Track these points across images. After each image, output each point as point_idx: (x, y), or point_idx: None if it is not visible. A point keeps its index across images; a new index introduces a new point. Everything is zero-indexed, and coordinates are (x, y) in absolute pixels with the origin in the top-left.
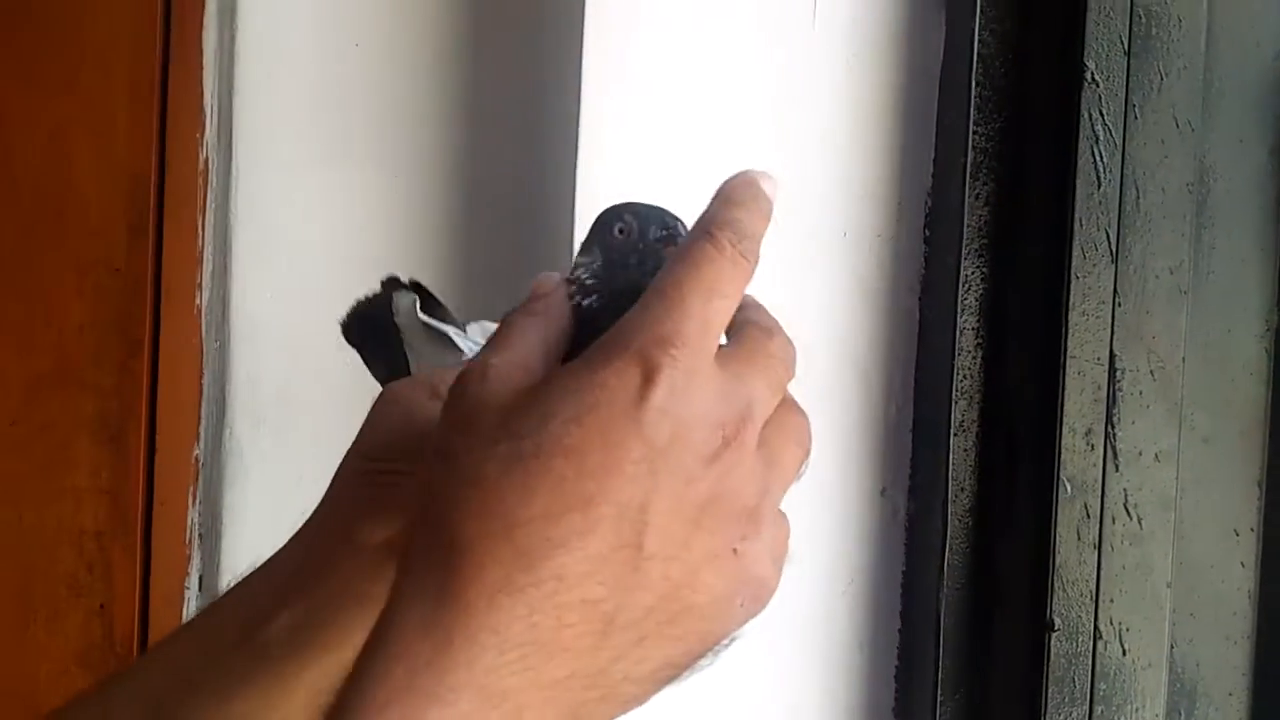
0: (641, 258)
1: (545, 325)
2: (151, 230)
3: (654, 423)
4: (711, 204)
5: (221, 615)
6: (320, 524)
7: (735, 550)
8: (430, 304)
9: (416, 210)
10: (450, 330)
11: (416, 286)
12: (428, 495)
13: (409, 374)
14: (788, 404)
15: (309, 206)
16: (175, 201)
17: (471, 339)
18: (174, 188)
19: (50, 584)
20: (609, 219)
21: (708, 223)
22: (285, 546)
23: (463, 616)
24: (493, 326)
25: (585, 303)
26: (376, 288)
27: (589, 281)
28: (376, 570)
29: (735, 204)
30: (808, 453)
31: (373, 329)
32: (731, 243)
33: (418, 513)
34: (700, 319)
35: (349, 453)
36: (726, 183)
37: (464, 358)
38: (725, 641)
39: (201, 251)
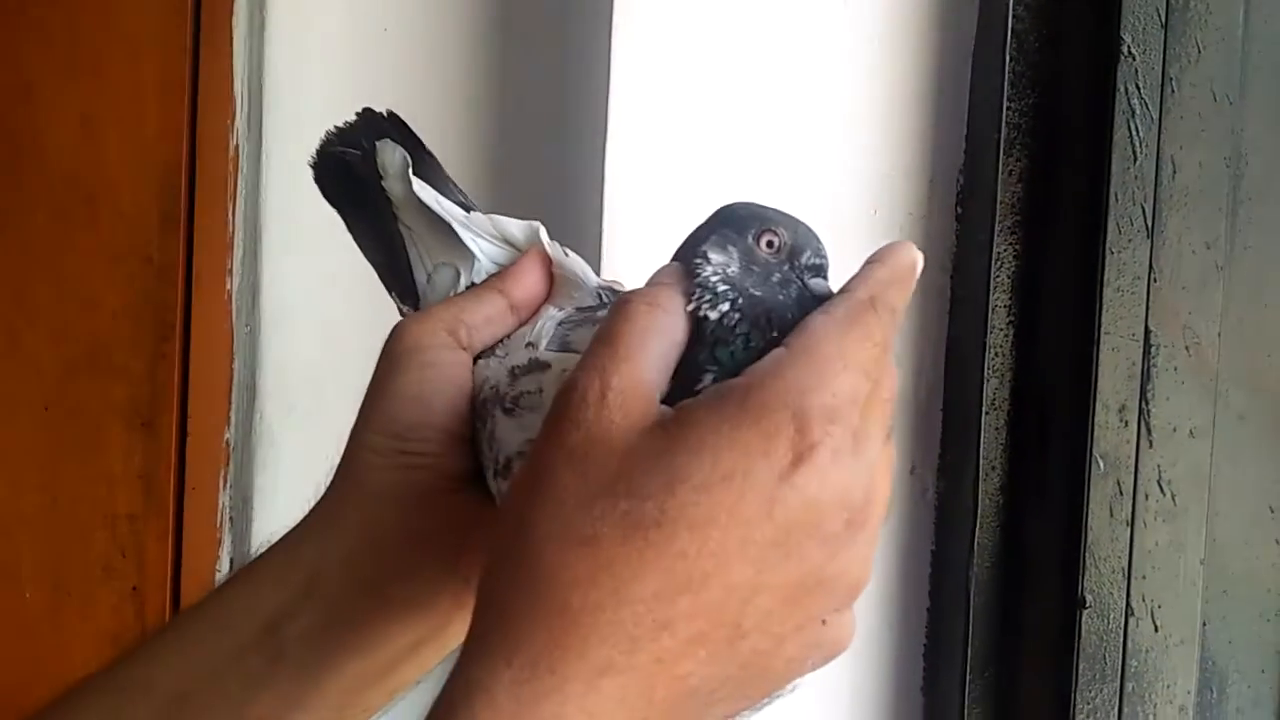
0: (785, 281)
1: (669, 335)
2: (183, 217)
3: (790, 503)
4: (877, 269)
5: (238, 605)
6: (340, 511)
7: (824, 621)
8: (420, 157)
9: None
10: (454, 221)
11: (397, 124)
12: (523, 532)
13: (406, 261)
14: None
15: None
16: (206, 189)
17: (481, 235)
18: (205, 175)
19: (83, 567)
20: (753, 222)
21: (875, 291)
22: (298, 532)
23: (558, 695)
24: (511, 224)
25: (714, 316)
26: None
27: (721, 288)
28: (410, 571)
29: (899, 282)
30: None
31: (355, 190)
32: (889, 322)
33: (510, 548)
34: (855, 394)
35: (368, 419)
36: (894, 252)
37: (475, 264)
38: (788, 689)
39: (232, 238)
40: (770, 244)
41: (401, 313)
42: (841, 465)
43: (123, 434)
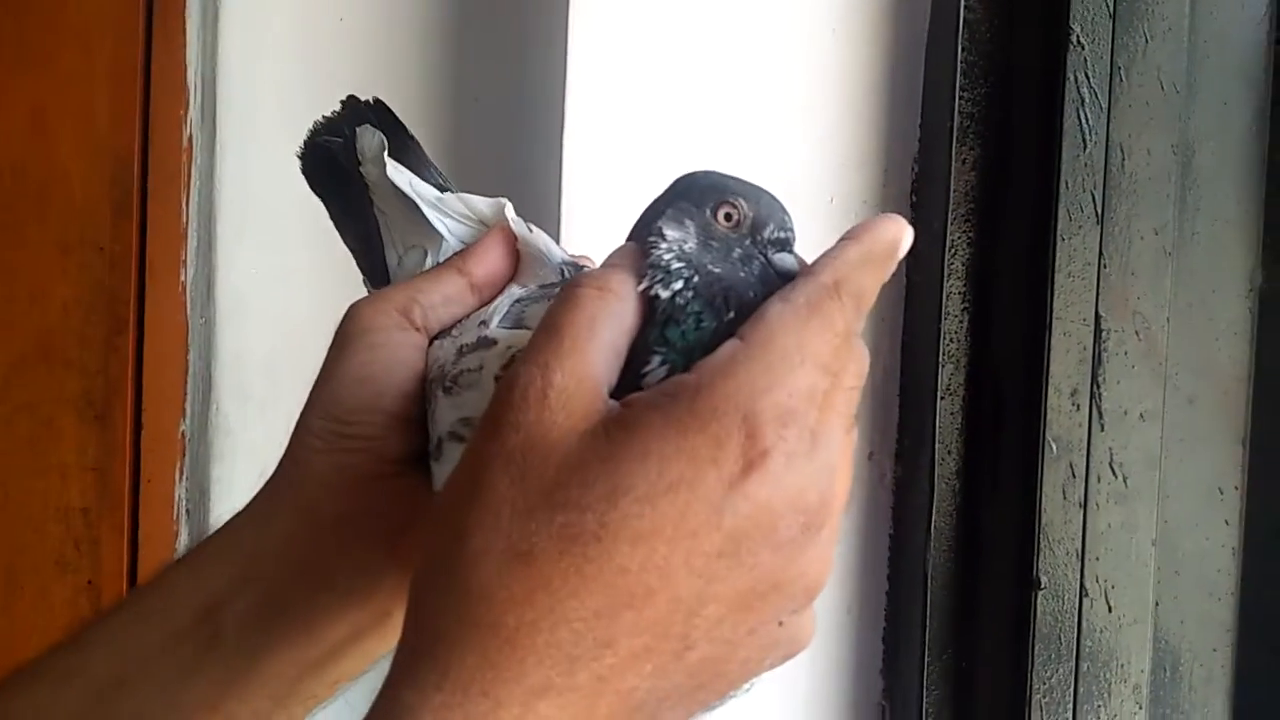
0: (746, 256)
1: (619, 321)
2: (136, 208)
3: (740, 512)
4: (849, 248)
5: (176, 590)
6: (281, 494)
7: (781, 623)
8: (401, 142)
9: None
10: (421, 199)
11: (381, 110)
12: (457, 543)
13: (380, 246)
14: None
15: (293, 183)
16: (159, 179)
17: (449, 212)
18: (157, 166)
19: (38, 560)
20: (711, 194)
21: (841, 274)
22: (241, 517)
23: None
24: (479, 201)
25: (665, 294)
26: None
27: (675, 266)
28: (347, 557)
29: (873, 263)
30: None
31: (336, 178)
32: (854, 309)
33: (443, 559)
34: (812, 392)
35: (313, 402)
36: (872, 228)
37: (443, 244)
38: (745, 689)
39: (186, 229)
40: (729, 217)
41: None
42: (796, 469)
43: (75, 426)
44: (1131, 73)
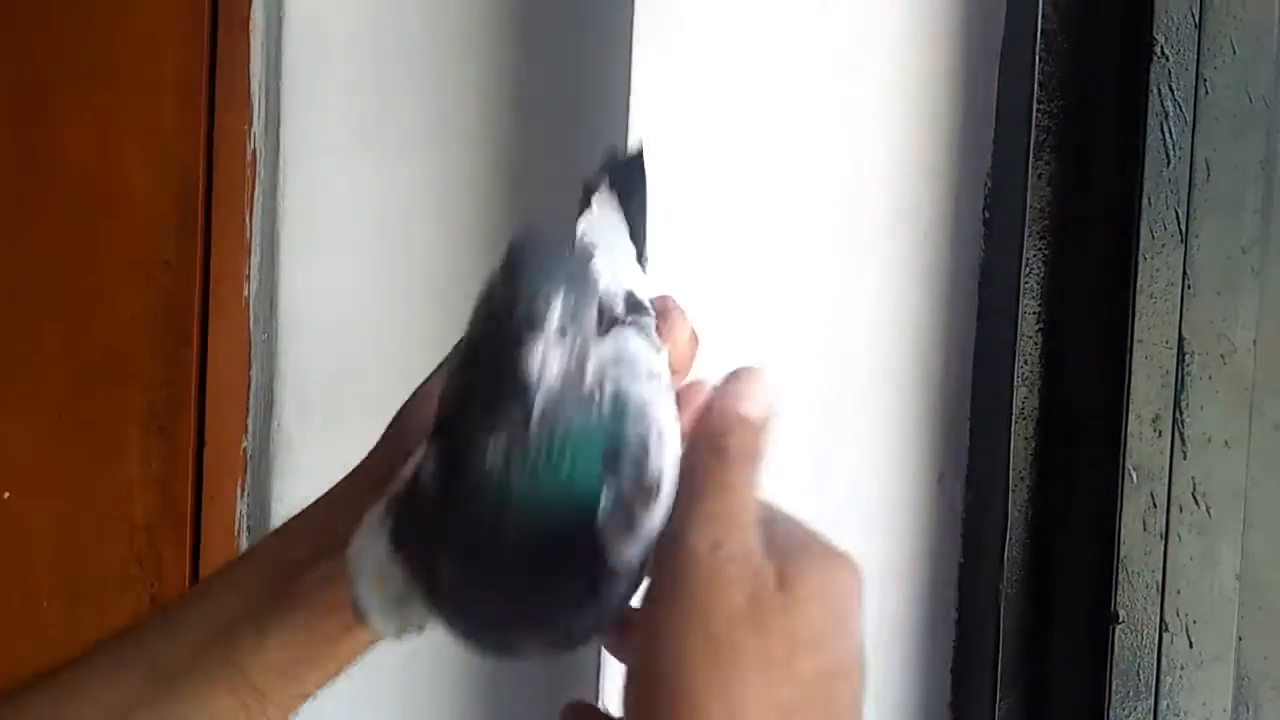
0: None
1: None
2: (200, 222)
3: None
4: (725, 421)
5: (265, 559)
6: (359, 487)
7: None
8: (631, 190)
9: (466, 198)
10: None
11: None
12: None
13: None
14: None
15: (357, 197)
16: (223, 194)
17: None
18: (221, 180)
19: (101, 575)
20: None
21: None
22: (331, 495)
23: None
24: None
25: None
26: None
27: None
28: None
29: (750, 431)
30: None
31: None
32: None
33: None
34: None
35: (404, 419)
36: (736, 394)
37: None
38: None
39: (249, 244)
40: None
41: None
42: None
43: (140, 441)
44: (1217, 85)
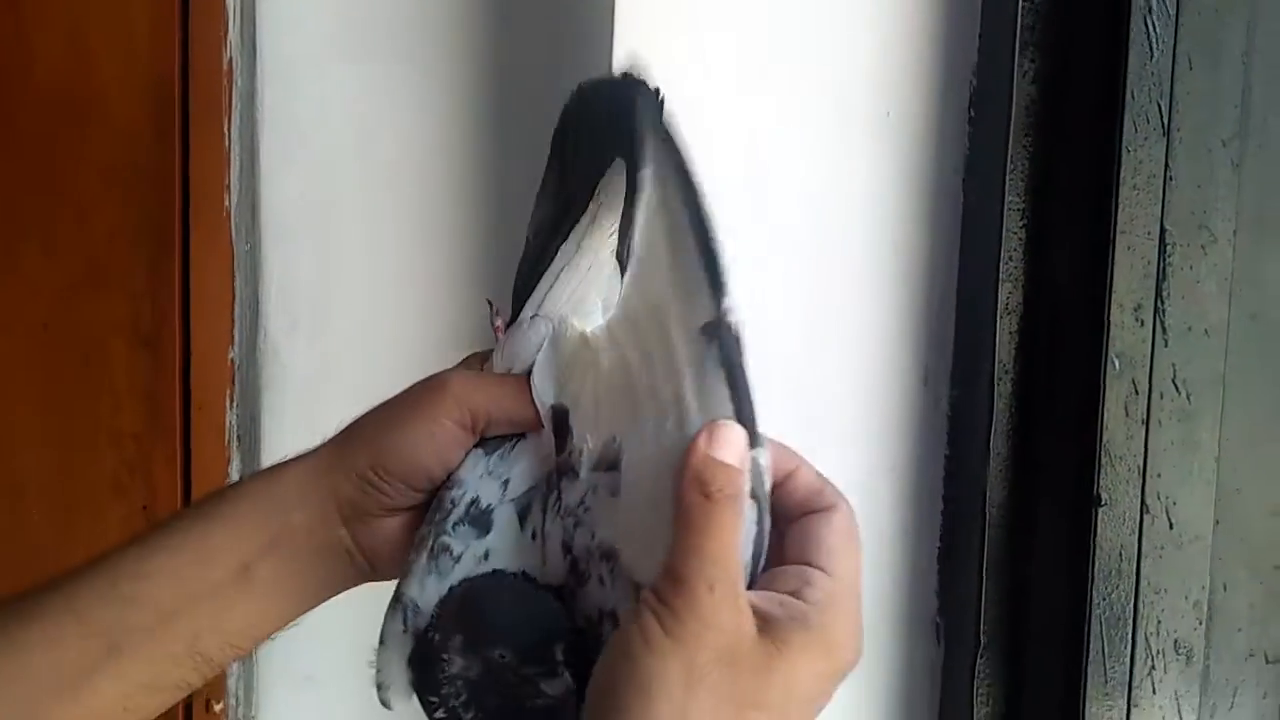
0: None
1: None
2: (177, 133)
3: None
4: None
5: (216, 548)
6: (307, 491)
7: None
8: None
9: (447, 102)
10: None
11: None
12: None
13: (545, 265)
14: None
15: (337, 104)
16: (200, 103)
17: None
18: (198, 90)
19: (93, 484)
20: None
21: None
22: (281, 485)
23: None
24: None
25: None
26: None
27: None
28: (342, 568)
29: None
30: None
31: (586, 168)
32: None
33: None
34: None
35: (369, 440)
36: (717, 444)
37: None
38: None
39: (228, 154)
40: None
41: (491, 309)
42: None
43: (126, 352)
44: None
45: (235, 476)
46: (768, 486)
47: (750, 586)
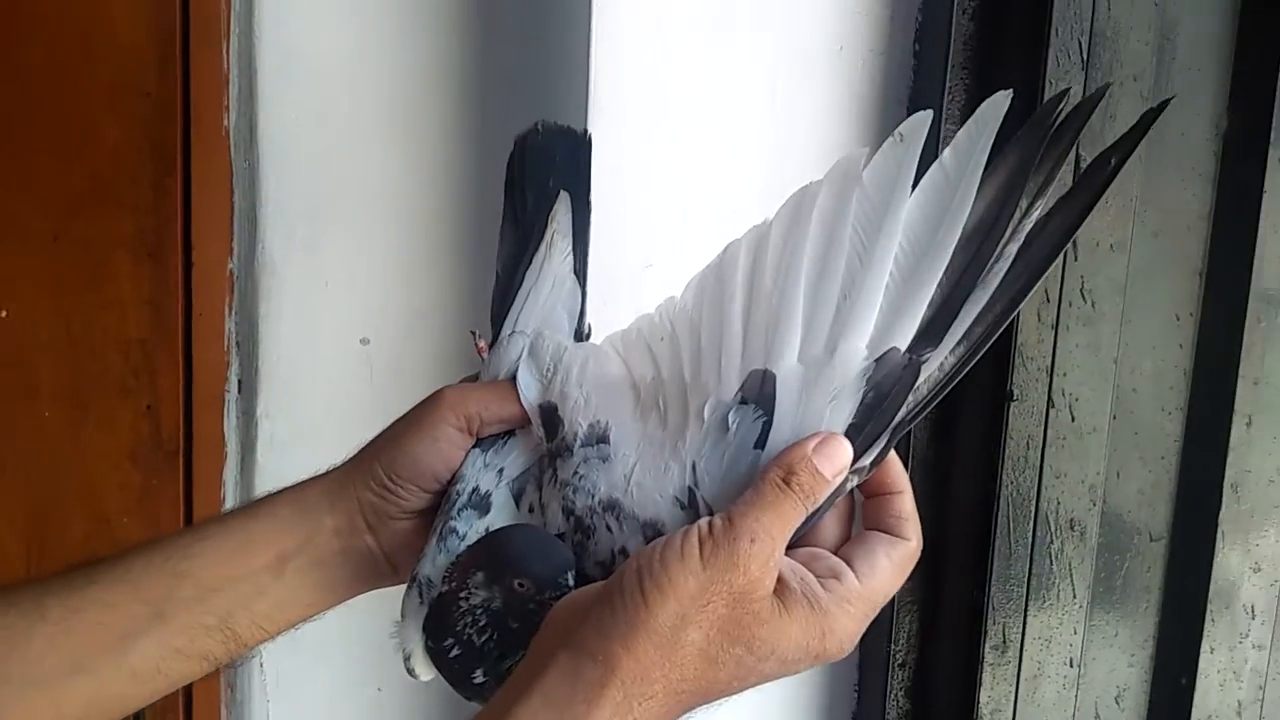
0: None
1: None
2: (178, 56)
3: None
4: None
5: (256, 541)
6: (334, 498)
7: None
8: (583, 213)
9: (435, 25)
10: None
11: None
12: (675, 626)
13: (516, 289)
14: None
15: (329, 29)
16: (199, 26)
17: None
18: (198, 14)
19: (103, 388)
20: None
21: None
22: (314, 491)
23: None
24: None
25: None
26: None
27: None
28: (366, 567)
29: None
30: None
31: (536, 199)
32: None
33: (652, 626)
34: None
35: (380, 450)
36: (822, 451)
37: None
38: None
39: (227, 76)
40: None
41: (474, 338)
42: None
43: (130, 263)
44: None
45: (235, 380)
46: (834, 497)
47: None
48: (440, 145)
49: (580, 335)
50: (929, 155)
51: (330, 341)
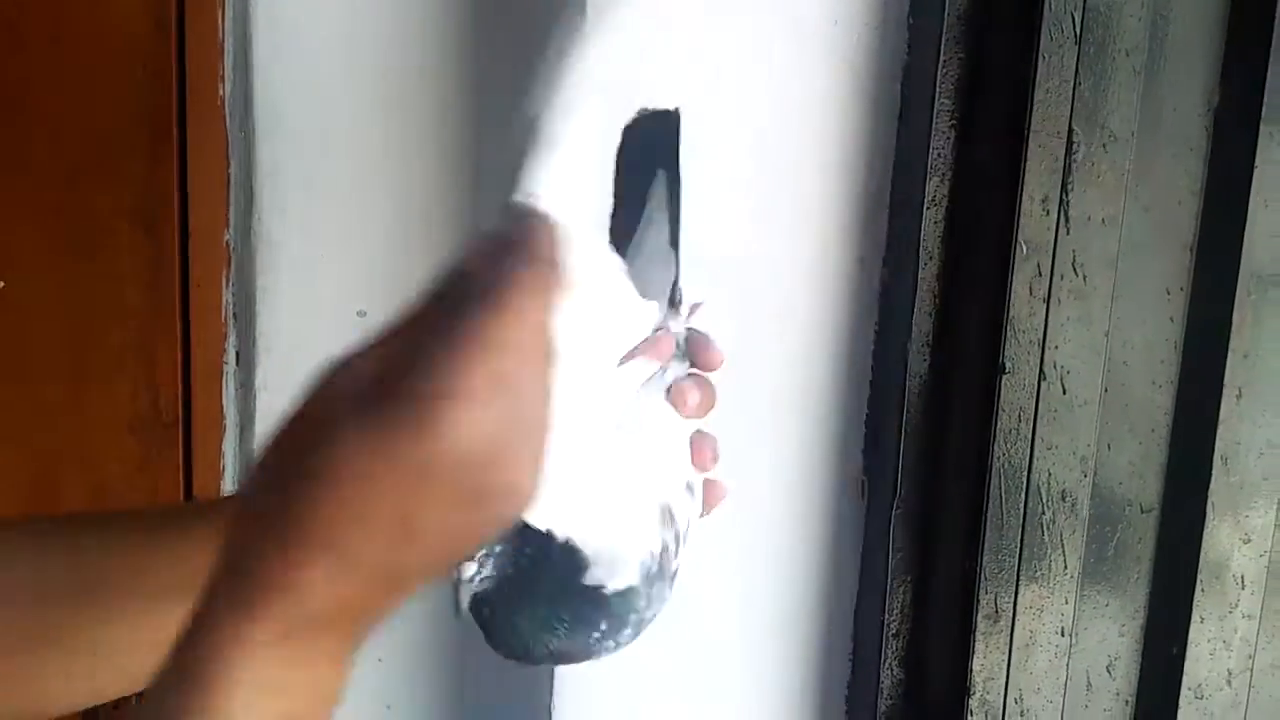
0: None
1: None
2: (174, 26)
3: None
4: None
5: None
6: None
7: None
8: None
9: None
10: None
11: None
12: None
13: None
14: None
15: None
16: None
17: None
18: None
19: (99, 359)
20: None
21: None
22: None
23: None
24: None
25: None
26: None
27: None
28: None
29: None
30: None
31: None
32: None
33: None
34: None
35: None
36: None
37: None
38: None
39: (222, 46)
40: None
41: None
42: None
43: (128, 234)
44: None
45: (233, 352)
46: None
47: None
48: (438, 116)
49: (674, 302)
50: (925, 127)
51: (328, 313)
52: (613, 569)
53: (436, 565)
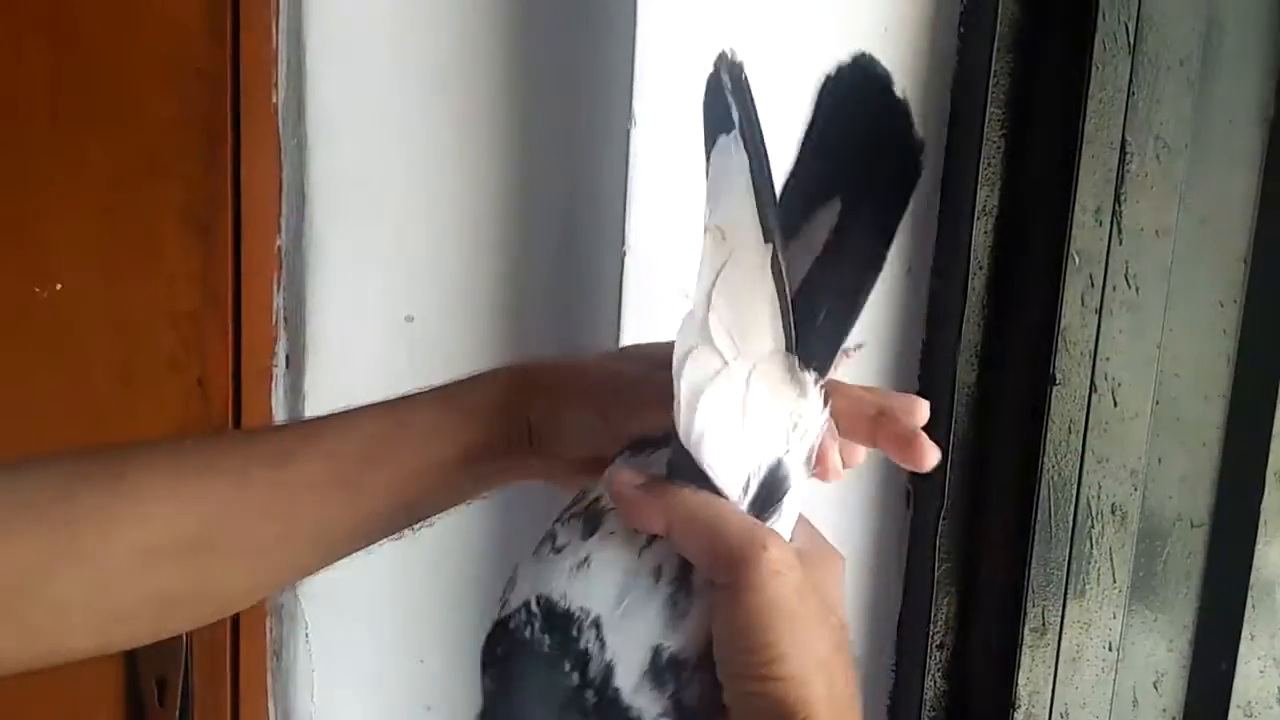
0: None
1: None
2: (229, 33)
3: None
4: None
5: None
6: (460, 418)
7: None
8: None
9: (486, 5)
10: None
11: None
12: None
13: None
14: None
15: (380, 8)
16: (250, 5)
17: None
18: None
19: (152, 361)
20: None
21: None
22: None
23: None
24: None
25: None
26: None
27: None
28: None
29: None
30: None
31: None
32: None
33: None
34: None
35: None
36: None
37: None
38: None
39: (276, 53)
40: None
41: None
42: None
43: (180, 238)
44: None
45: (283, 355)
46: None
47: None
48: (488, 124)
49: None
50: (975, 136)
51: (375, 318)
52: None
53: None
